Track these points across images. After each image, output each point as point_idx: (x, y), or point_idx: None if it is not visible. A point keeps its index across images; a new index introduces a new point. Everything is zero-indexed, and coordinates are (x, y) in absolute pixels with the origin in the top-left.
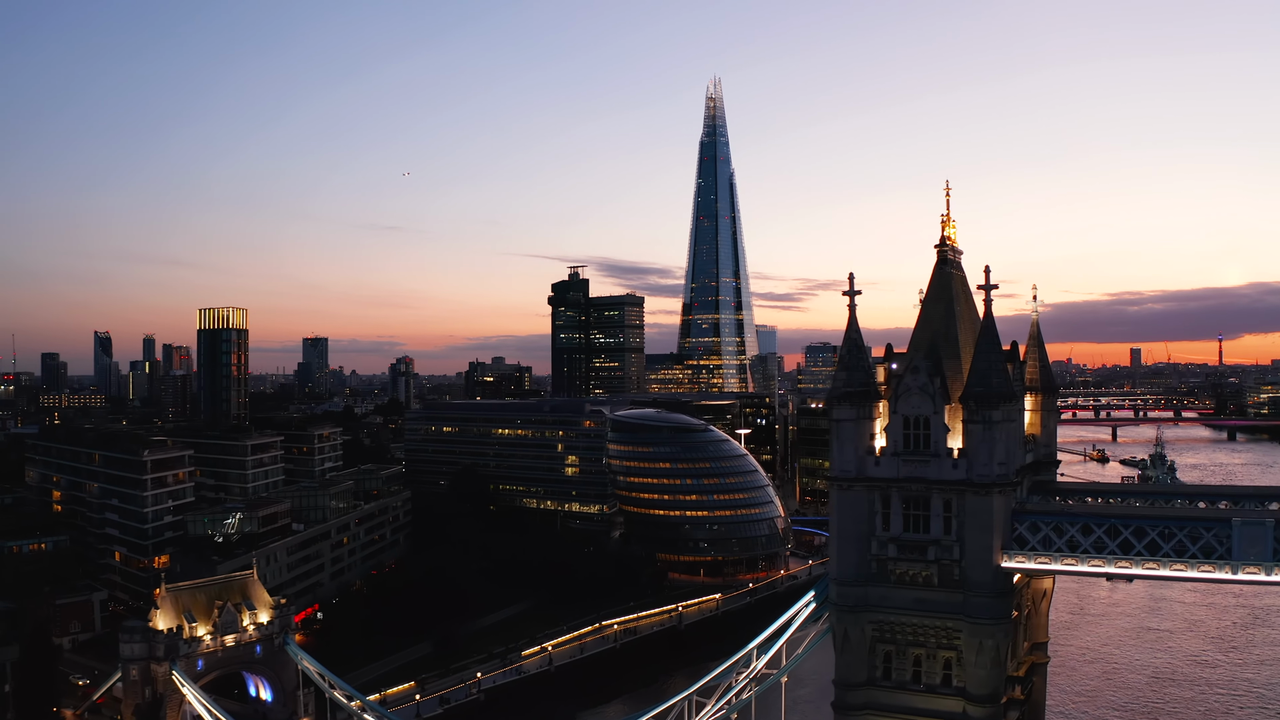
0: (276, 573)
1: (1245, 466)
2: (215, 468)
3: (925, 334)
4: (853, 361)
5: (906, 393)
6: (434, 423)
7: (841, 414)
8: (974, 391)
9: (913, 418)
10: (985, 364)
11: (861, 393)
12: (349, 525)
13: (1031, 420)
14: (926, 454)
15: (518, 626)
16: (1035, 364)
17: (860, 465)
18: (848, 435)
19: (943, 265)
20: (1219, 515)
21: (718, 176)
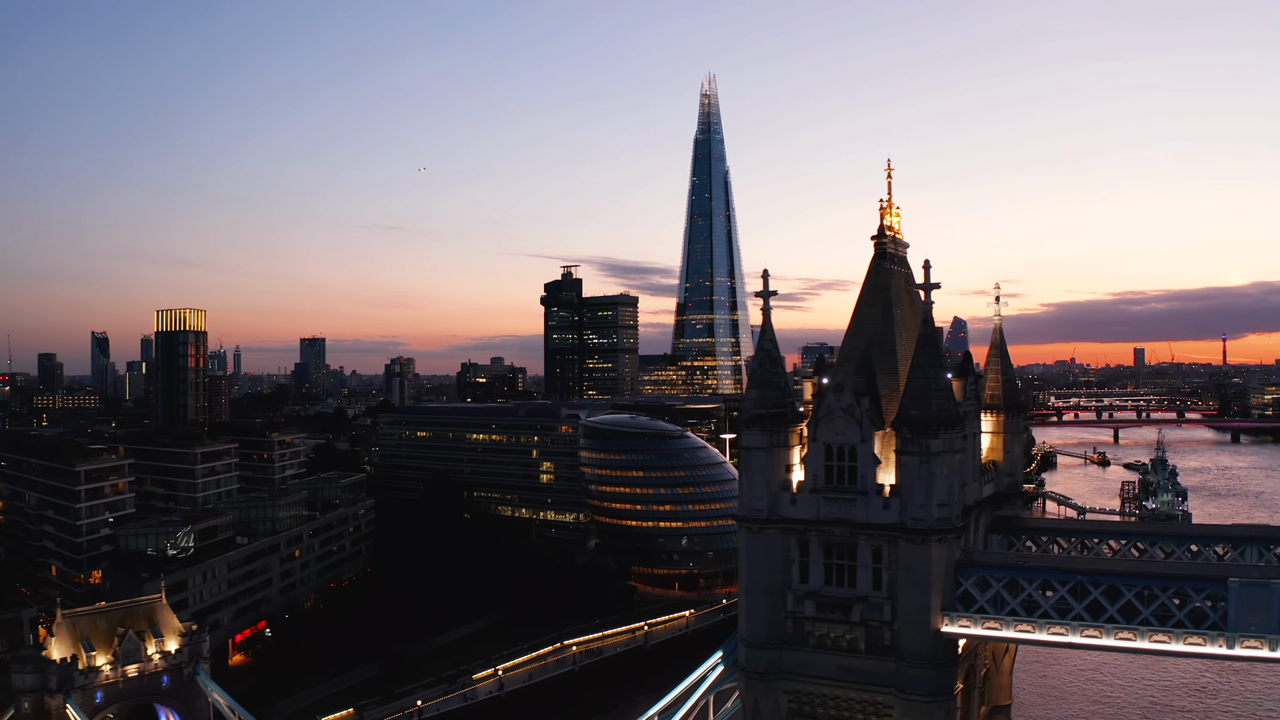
0: (215, 589)
1: (1249, 470)
2: (165, 476)
3: (858, 343)
4: (764, 377)
5: (828, 415)
6: (408, 427)
7: (751, 441)
8: (908, 416)
9: (836, 446)
10: (923, 381)
11: (775, 415)
12: (301, 537)
13: (992, 444)
14: (852, 491)
15: (475, 645)
16: (997, 377)
17: (773, 503)
18: (758, 466)
19: (881, 260)
20: (1212, 573)
21: (712, 174)
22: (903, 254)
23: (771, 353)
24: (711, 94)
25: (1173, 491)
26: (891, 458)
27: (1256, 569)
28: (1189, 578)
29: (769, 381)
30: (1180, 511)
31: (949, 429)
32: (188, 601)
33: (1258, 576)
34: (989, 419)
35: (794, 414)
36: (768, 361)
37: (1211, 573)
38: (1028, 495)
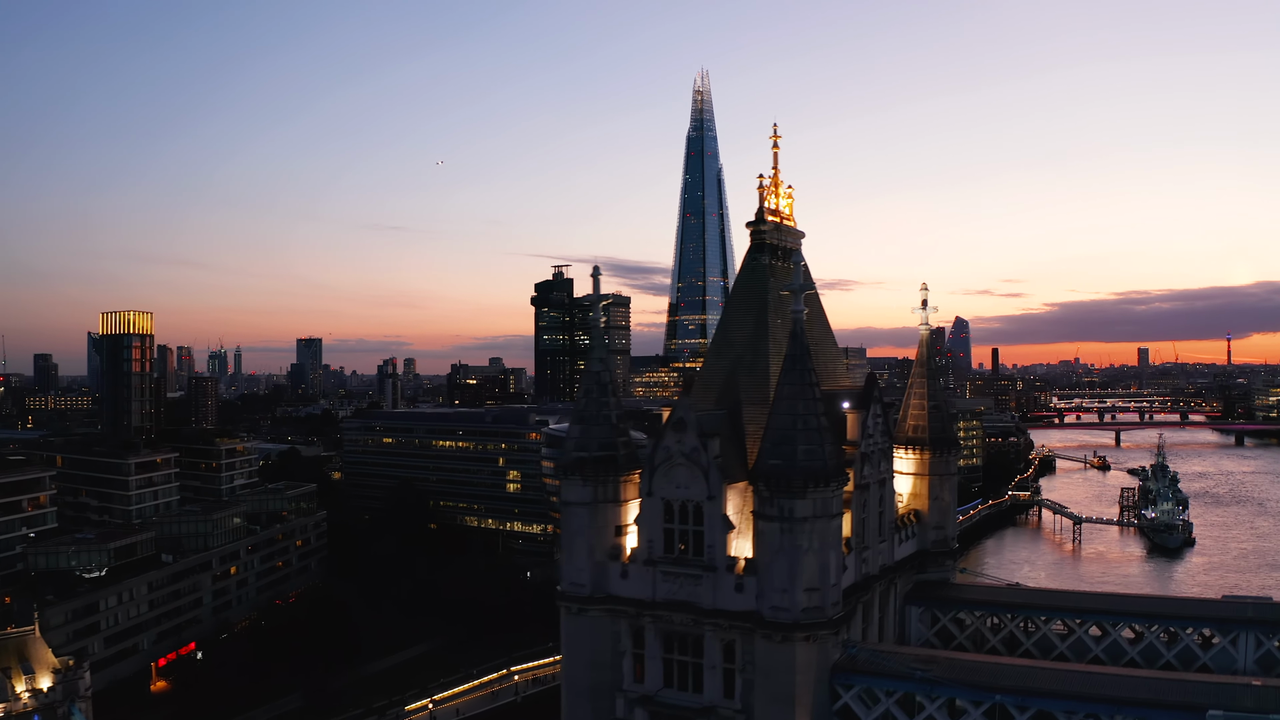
0: (133, 611)
1: (1253, 476)
2: (100, 488)
3: (721, 364)
4: (589, 409)
5: (667, 462)
6: (372, 433)
7: (570, 493)
8: (766, 467)
9: (678, 504)
10: (787, 420)
11: (602, 460)
12: (238, 553)
13: (915, 489)
14: (697, 565)
15: (417, 671)
16: (921, 404)
17: (599, 577)
18: (579, 527)
19: (758, 255)
20: (1184, 699)
21: (705, 172)
22: (793, 246)
23: (600, 377)
24: (704, 90)
25: (1173, 500)
26: (750, 521)
27: (1249, 692)
28: (1150, 705)
29: (595, 415)
30: (1181, 521)
31: (821, 485)
32: (99, 625)
33: (1251, 709)
34: (910, 457)
35: (627, 458)
36: (594, 389)
37: (1182, 699)
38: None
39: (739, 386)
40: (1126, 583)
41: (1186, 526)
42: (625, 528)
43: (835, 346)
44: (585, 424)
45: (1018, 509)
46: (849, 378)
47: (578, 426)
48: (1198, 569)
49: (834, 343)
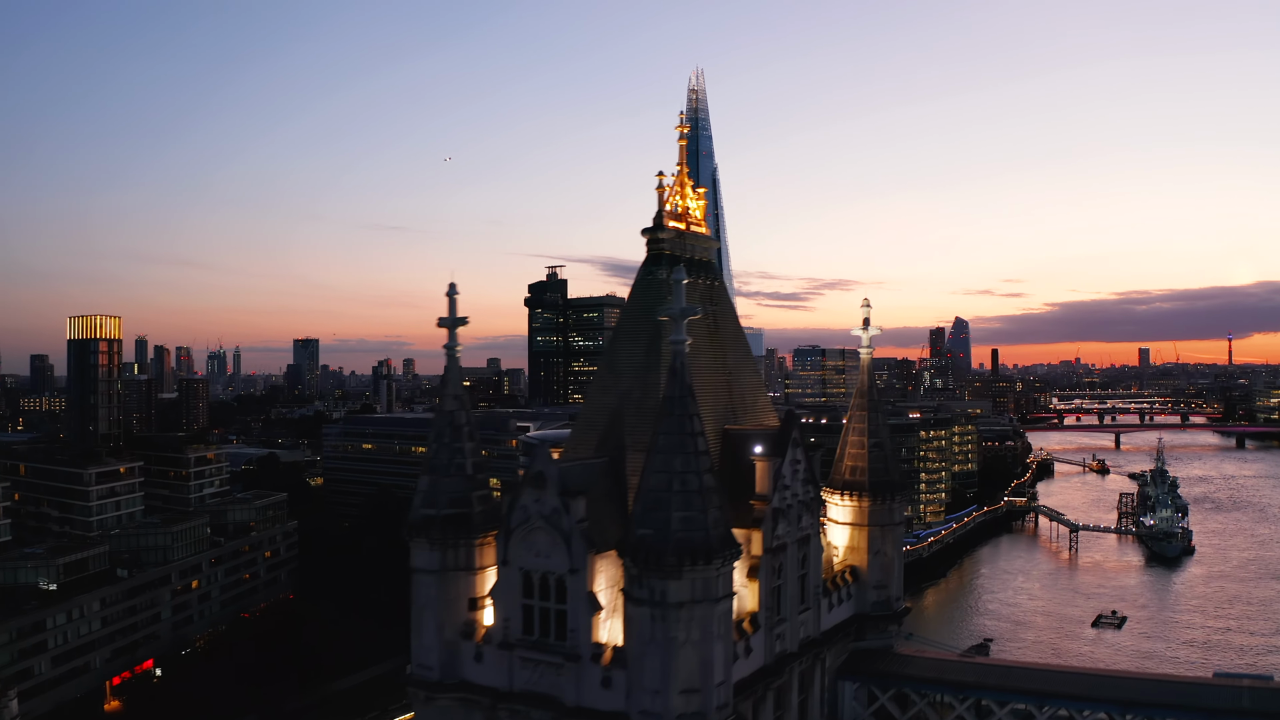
0: (84, 628)
1: (1254, 480)
2: (60, 499)
3: (606, 400)
4: (439, 456)
5: (524, 526)
6: (352, 439)
7: (419, 559)
8: (635, 539)
9: (538, 576)
10: (662, 479)
11: (454, 520)
12: (200, 566)
13: (852, 541)
14: (558, 651)
15: (382, 690)
16: (861, 440)
17: (449, 659)
18: (428, 599)
19: (655, 268)
20: None
21: (700, 172)
22: (702, 257)
23: (454, 418)
24: (700, 89)
25: (1172, 506)
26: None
27: None
28: None
29: (445, 464)
30: (1180, 529)
31: (701, 563)
32: (46, 644)
33: None
34: (847, 504)
35: (484, 517)
36: (446, 433)
37: None
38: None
39: (625, 429)
40: (1124, 593)
41: (1186, 534)
42: (481, 600)
43: (755, 375)
44: (434, 475)
45: (1013, 515)
46: (775, 414)
47: (426, 478)
48: (1196, 579)
49: (754, 370)
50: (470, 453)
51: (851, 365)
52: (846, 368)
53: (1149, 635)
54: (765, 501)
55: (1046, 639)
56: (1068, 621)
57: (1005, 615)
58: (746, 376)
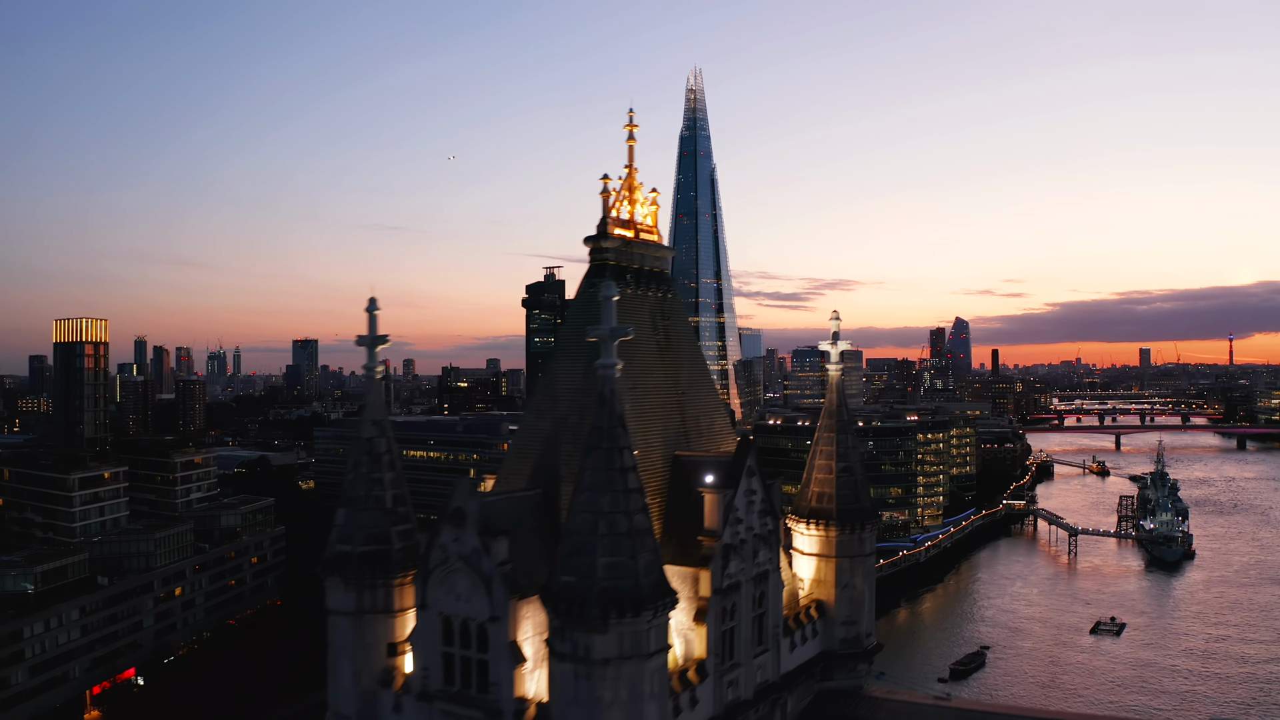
0: (63, 637)
1: (1256, 482)
2: (44, 504)
3: (542, 424)
4: (357, 489)
5: (443, 566)
6: (344, 442)
7: (334, 599)
8: (557, 586)
9: (458, 622)
10: (587, 520)
11: (372, 558)
12: (184, 573)
13: (819, 574)
14: (480, 705)
15: None
16: (829, 465)
17: (367, 709)
18: (344, 643)
19: (597, 279)
20: None
21: (698, 172)
22: (653, 267)
23: (373, 445)
24: (698, 89)
25: (1172, 510)
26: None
27: None
28: None
29: (363, 497)
30: (1180, 532)
31: (629, 615)
32: (23, 654)
33: None
34: (813, 533)
35: (404, 554)
36: (364, 462)
37: None
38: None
39: (560, 458)
40: (1123, 599)
41: (1186, 538)
42: (401, 646)
43: (712, 394)
44: (350, 508)
45: (1012, 519)
46: (734, 437)
47: (341, 511)
48: (1197, 585)
49: (710, 389)
50: (390, 484)
51: (852, 366)
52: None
53: (1148, 643)
54: (715, 538)
55: (1043, 647)
56: (1065, 629)
57: (1002, 622)
58: (703, 396)
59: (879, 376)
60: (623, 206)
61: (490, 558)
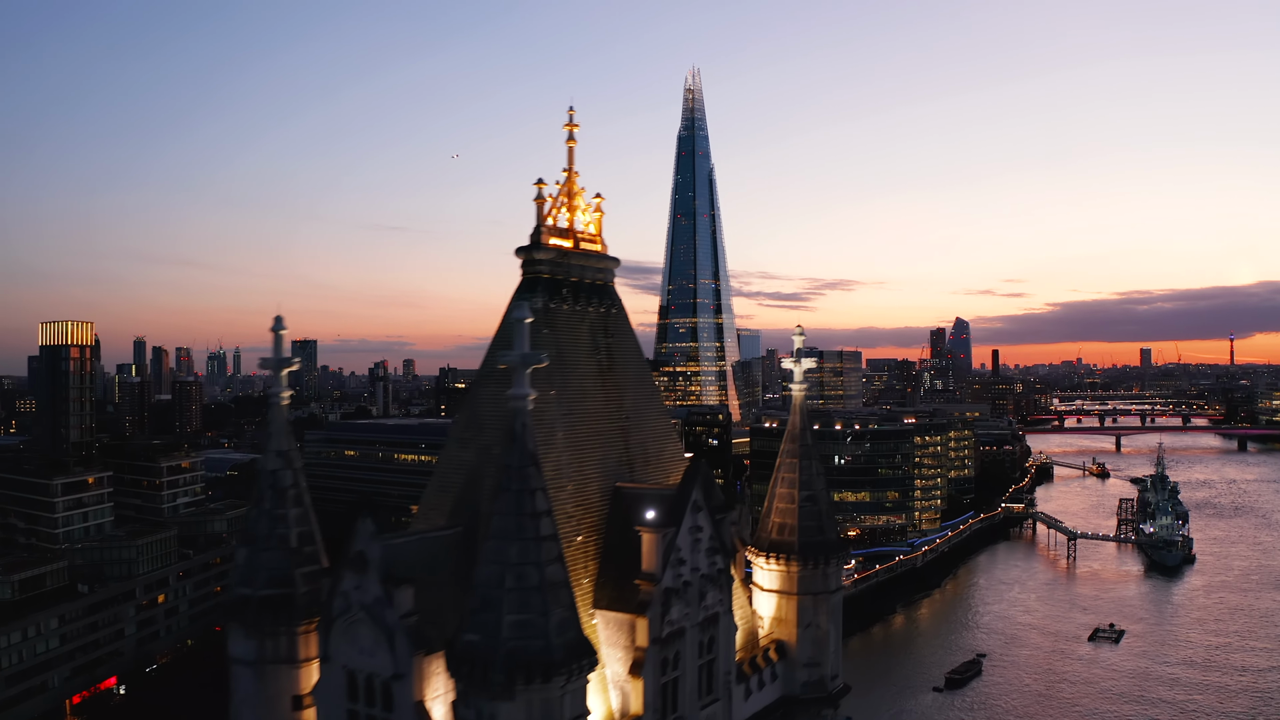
0: (41, 646)
1: (1257, 484)
2: (27, 510)
3: (465, 454)
4: (260, 526)
5: (346, 615)
6: (335, 445)
7: (237, 647)
8: (460, 646)
9: (362, 677)
10: (494, 573)
11: (275, 602)
12: (167, 580)
13: (780, 612)
14: None
15: None
16: (789, 492)
17: None
18: (245, 695)
19: (529, 295)
20: None
21: (696, 172)
22: (595, 280)
23: (278, 479)
24: (696, 89)
25: (1172, 514)
26: None
27: None
28: None
29: (266, 535)
30: (1180, 537)
31: (538, 680)
32: (0, 664)
33: None
34: (774, 568)
35: (310, 599)
36: (268, 496)
37: None
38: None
39: (483, 492)
40: (1122, 605)
41: (1186, 542)
42: (306, 699)
43: (661, 418)
44: (252, 548)
45: (1011, 522)
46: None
47: (243, 550)
48: (1197, 590)
49: (660, 412)
50: (296, 521)
51: (851, 367)
52: (845, 369)
53: (1146, 652)
54: (653, 582)
55: (1041, 655)
56: (1063, 636)
57: (999, 629)
58: (650, 421)
59: (879, 377)
60: (560, 214)
61: (394, 608)
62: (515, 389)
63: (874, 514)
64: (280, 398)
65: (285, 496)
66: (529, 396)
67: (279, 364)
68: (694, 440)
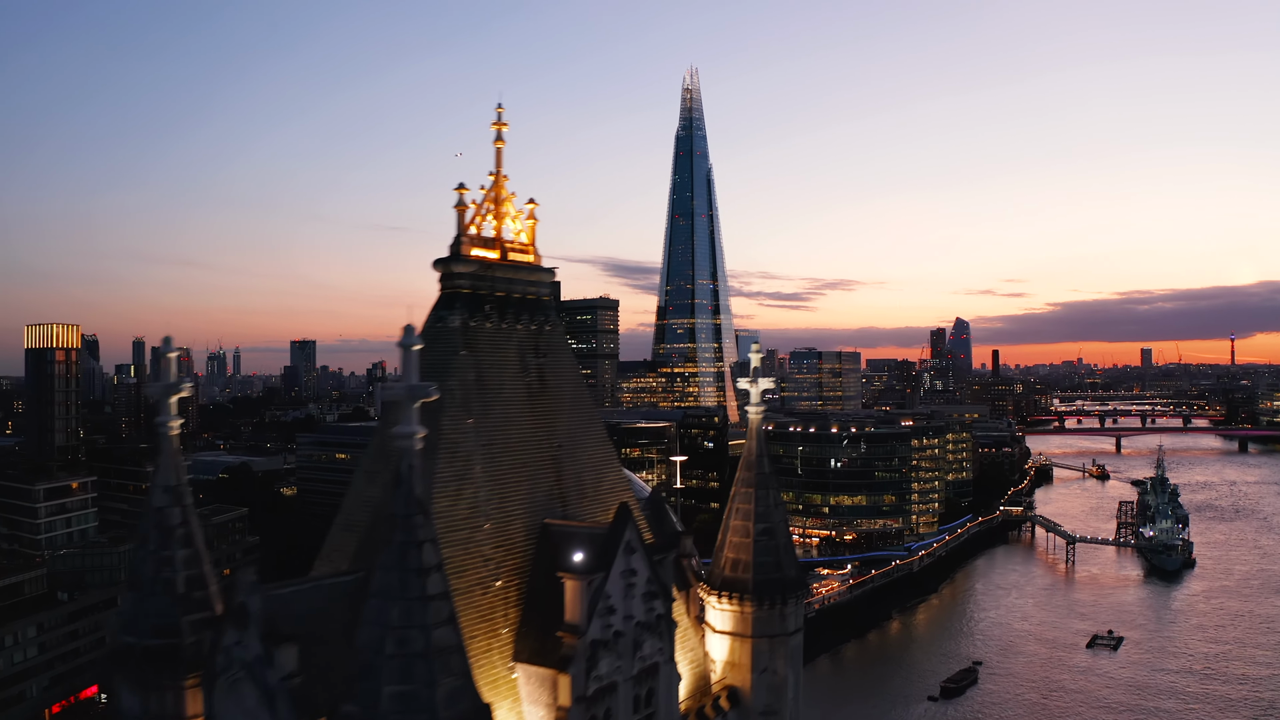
0: (18, 655)
1: (1258, 486)
2: (10, 515)
3: (372, 491)
4: (147, 569)
5: (228, 673)
6: (326, 448)
7: (125, 700)
8: (341, 718)
9: None
10: (374, 636)
11: (159, 654)
12: None
13: (734, 655)
14: None
15: None
16: (744, 524)
17: None
18: None
19: (447, 313)
20: None
21: (694, 172)
22: (526, 294)
23: (165, 517)
24: (694, 88)
25: (1172, 517)
26: None
27: None
28: None
29: (152, 579)
30: (1180, 541)
31: None
32: None
33: None
34: (727, 608)
35: (198, 649)
36: (154, 536)
37: None
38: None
39: None
40: (1121, 610)
41: (1186, 546)
42: None
43: (602, 446)
44: (139, 592)
45: (1009, 525)
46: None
47: (129, 595)
48: (1197, 595)
49: (600, 439)
50: (184, 563)
51: (850, 368)
52: (844, 370)
53: (1145, 660)
54: (576, 634)
55: (1037, 664)
56: (1060, 645)
57: (996, 636)
58: (588, 449)
59: (879, 377)
60: (486, 222)
61: (274, 669)
62: (401, 426)
63: (870, 518)
64: (169, 427)
65: (172, 536)
66: (416, 435)
67: (166, 390)
68: (689, 443)
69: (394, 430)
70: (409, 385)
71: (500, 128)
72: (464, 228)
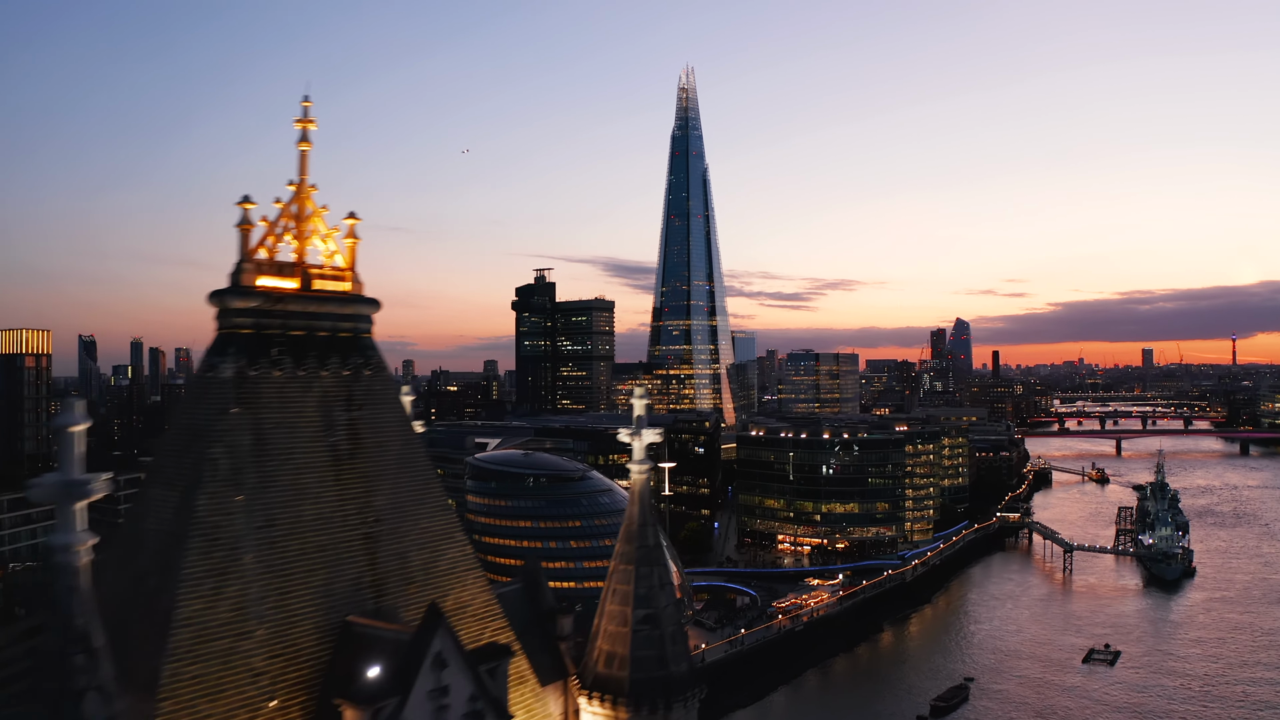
0: None
1: (1259, 490)
2: None
3: (117, 586)
4: None
5: None
6: None
7: None
8: None
9: None
10: None
11: None
12: None
13: None
14: None
15: None
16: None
17: None
18: None
19: (219, 358)
20: None
21: (690, 172)
22: (344, 332)
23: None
24: (690, 88)
25: (1172, 524)
26: None
27: None
28: None
29: None
30: (1180, 548)
31: None
32: None
33: None
34: (598, 711)
35: None
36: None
37: None
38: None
39: None
40: (1119, 623)
41: (1187, 554)
42: None
43: (440, 514)
44: None
45: (1006, 532)
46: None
47: None
48: (1197, 606)
49: (437, 503)
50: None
51: (848, 370)
52: (841, 372)
53: (1143, 675)
54: None
55: (1031, 681)
56: (1055, 660)
57: (990, 648)
58: (419, 521)
59: (878, 378)
60: (280, 243)
61: None
62: (57, 534)
63: (863, 526)
64: None
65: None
66: (77, 547)
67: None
68: (679, 449)
69: (49, 539)
70: (64, 481)
71: (306, 126)
72: (248, 252)
